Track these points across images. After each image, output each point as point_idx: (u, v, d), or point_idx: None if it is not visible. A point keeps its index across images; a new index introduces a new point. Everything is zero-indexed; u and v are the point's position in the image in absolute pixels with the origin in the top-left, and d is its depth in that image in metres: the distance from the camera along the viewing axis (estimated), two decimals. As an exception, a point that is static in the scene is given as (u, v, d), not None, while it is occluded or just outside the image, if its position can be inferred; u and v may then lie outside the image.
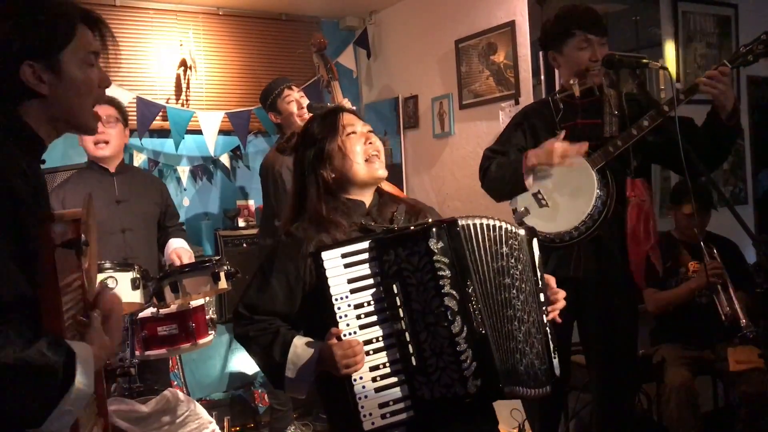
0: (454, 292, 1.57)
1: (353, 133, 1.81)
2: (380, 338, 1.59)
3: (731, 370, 3.12)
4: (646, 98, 2.54)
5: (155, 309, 2.71)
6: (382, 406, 1.56)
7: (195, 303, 2.80)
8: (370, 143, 1.82)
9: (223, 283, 2.75)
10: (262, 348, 1.69)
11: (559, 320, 1.78)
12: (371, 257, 1.61)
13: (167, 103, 4.30)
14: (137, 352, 2.68)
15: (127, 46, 4.24)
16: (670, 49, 4.14)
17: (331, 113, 1.87)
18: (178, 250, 3.10)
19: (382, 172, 1.82)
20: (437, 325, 1.55)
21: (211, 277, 2.72)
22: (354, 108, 1.99)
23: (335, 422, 1.80)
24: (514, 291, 1.67)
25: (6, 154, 1.22)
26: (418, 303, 1.57)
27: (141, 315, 2.71)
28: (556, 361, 1.74)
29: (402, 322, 1.57)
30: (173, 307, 2.74)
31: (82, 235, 1.34)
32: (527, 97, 3.72)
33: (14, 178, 1.19)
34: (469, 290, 1.58)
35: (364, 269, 1.61)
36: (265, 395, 3.98)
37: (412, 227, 1.64)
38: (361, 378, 1.57)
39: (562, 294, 1.80)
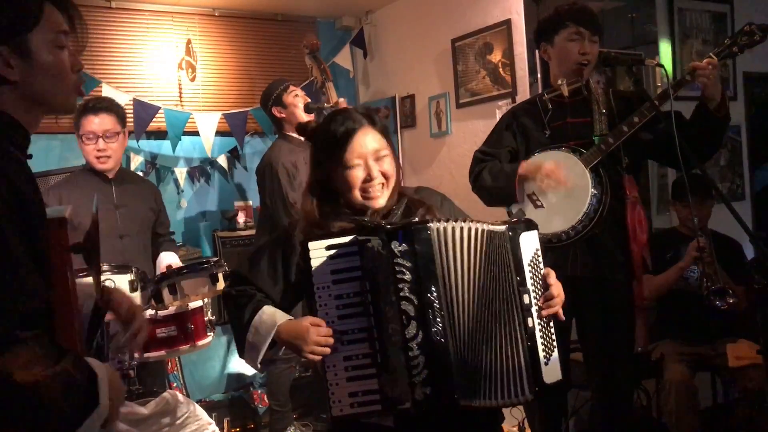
0: (412, 297, 1.58)
1: (357, 166, 1.76)
2: (356, 330, 1.64)
3: (730, 366, 3.12)
4: (640, 95, 2.55)
5: (154, 311, 2.71)
6: (351, 395, 1.60)
7: (193, 304, 2.80)
8: (370, 182, 1.77)
9: (221, 285, 2.74)
10: (237, 308, 1.76)
11: (562, 318, 1.72)
12: (353, 252, 1.65)
13: (169, 105, 4.30)
14: (136, 354, 2.68)
15: (124, 48, 4.25)
16: (665, 46, 4.15)
17: (343, 137, 1.76)
18: (171, 264, 3.09)
19: (379, 203, 1.79)
20: (392, 328, 1.59)
21: (210, 279, 2.72)
22: (350, 108, 1.95)
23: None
24: (491, 295, 1.63)
25: (4, 152, 1.18)
26: (382, 303, 1.61)
27: (139, 317, 2.71)
28: (551, 365, 1.67)
29: (371, 318, 1.62)
30: (172, 309, 2.74)
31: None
32: (524, 96, 3.71)
33: (17, 176, 1.16)
34: (432, 296, 1.58)
35: (346, 263, 1.65)
36: (265, 396, 3.97)
37: (388, 226, 1.64)
38: (335, 366, 1.62)
39: (558, 289, 1.72)
